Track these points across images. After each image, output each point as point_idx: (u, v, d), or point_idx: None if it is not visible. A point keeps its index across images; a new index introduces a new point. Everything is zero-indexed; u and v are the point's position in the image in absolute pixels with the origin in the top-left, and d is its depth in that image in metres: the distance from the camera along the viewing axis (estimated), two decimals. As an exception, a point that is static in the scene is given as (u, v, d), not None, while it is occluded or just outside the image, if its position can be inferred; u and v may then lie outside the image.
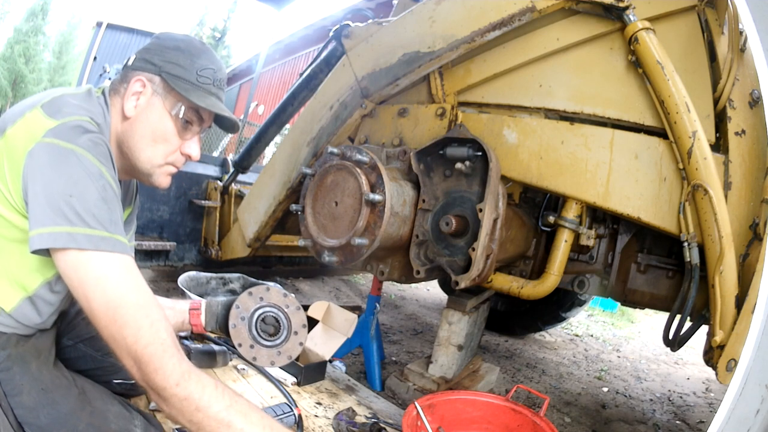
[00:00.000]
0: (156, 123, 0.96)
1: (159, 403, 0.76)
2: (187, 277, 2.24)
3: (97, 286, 0.76)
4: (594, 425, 2.21)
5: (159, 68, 0.94)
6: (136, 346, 0.74)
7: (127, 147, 0.97)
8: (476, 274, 1.40)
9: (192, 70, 0.95)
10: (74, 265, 0.76)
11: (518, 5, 1.53)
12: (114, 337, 0.75)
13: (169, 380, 0.73)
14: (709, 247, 1.33)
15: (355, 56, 1.94)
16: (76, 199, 0.76)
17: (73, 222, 0.76)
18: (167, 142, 0.98)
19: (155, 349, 0.74)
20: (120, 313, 0.75)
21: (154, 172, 0.99)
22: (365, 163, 1.42)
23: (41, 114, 0.84)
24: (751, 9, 0.95)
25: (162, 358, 0.74)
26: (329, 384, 1.81)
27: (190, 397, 0.74)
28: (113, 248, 0.78)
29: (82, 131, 0.82)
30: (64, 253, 0.76)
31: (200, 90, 0.96)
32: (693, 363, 3.45)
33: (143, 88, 0.94)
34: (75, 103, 0.89)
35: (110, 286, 0.76)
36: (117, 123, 0.96)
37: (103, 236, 0.77)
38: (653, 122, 1.47)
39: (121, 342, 0.74)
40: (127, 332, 0.74)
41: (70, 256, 0.76)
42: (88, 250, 0.76)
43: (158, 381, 0.73)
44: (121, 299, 0.76)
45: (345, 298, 3.83)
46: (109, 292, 0.75)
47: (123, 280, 0.78)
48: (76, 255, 0.76)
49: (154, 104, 0.95)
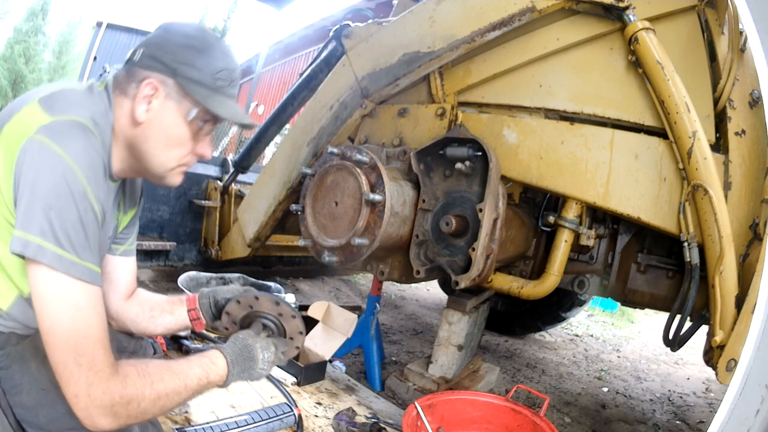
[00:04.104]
0: (170, 129, 0.92)
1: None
2: (187, 277, 2.25)
3: (57, 308, 0.75)
4: (594, 425, 2.21)
5: (172, 70, 0.89)
6: (70, 377, 0.76)
7: (138, 151, 0.93)
8: (476, 274, 1.40)
9: (208, 73, 0.90)
10: (39, 280, 0.76)
11: (518, 5, 1.53)
12: (57, 361, 0.76)
13: (103, 409, 0.76)
14: (709, 247, 1.33)
15: (355, 56, 1.94)
16: (55, 214, 0.75)
17: (46, 236, 0.75)
18: (181, 147, 0.94)
19: (87, 388, 0.76)
20: (70, 342, 0.75)
21: (167, 174, 0.97)
22: (365, 163, 1.42)
23: (38, 108, 0.82)
24: (751, 9, 0.95)
25: (91, 393, 0.76)
26: (329, 384, 1.81)
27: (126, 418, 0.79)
28: (81, 275, 0.77)
29: (77, 133, 0.80)
30: (33, 263, 0.76)
31: (218, 94, 0.92)
32: (693, 363, 3.45)
33: (155, 91, 0.89)
34: (74, 99, 0.86)
35: (68, 313, 0.76)
36: (125, 125, 0.92)
37: (73, 261, 0.76)
38: (653, 122, 1.47)
39: (62, 367, 0.76)
40: (69, 361, 0.75)
41: (37, 269, 0.76)
42: (56, 270, 0.75)
43: (94, 411, 0.76)
44: (74, 329, 0.76)
45: (345, 298, 3.83)
46: (65, 319, 0.75)
47: (82, 311, 0.77)
48: (44, 270, 0.75)
49: (168, 109, 0.91)
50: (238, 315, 1.10)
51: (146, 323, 1.15)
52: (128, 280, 1.16)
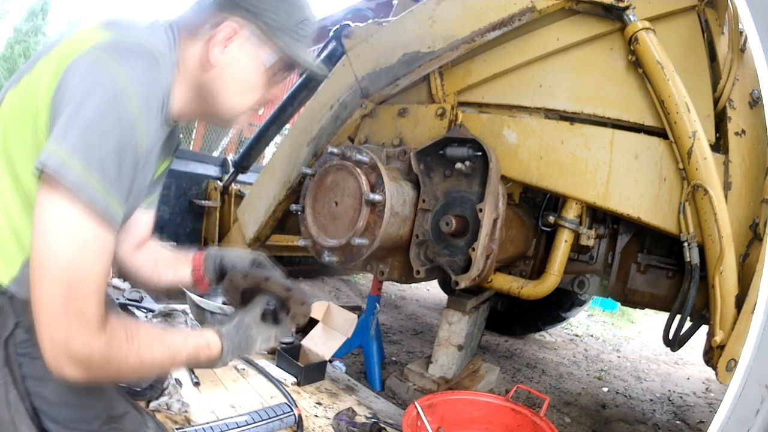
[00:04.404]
0: (246, 74, 0.89)
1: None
2: (187, 277, 2.24)
3: (60, 240, 0.67)
4: (594, 425, 2.21)
5: (255, 15, 0.85)
6: (52, 319, 0.68)
7: (208, 94, 0.90)
8: (476, 274, 1.40)
9: (292, 22, 0.87)
10: (51, 202, 0.67)
11: (518, 5, 1.53)
12: (41, 297, 0.68)
13: (77, 362, 0.70)
14: (709, 247, 1.33)
15: (355, 56, 1.94)
16: (94, 136, 0.67)
17: (76, 155, 0.66)
18: (254, 92, 0.92)
19: (67, 335, 0.69)
20: (63, 282, 0.67)
21: (236, 118, 0.95)
22: (365, 163, 1.42)
23: (97, 27, 0.74)
24: (751, 9, 0.95)
25: (69, 342, 0.69)
26: (329, 384, 1.81)
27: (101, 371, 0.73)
28: (100, 211, 0.68)
29: (140, 56, 0.73)
30: (50, 181, 0.66)
31: (300, 44, 0.90)
32: (693, 363, 3.45)
33: (234, 34, 0.85)
34: (140, 26, 0.81)
35: (72, 249, 0.67)
36: (194, 67, 0.87)
37: (97, 192, 0.68)
38: (653, 122, 1.47)
39: (45, 305, 0.68)
40: (56, 301, 0.68)
41: (53, 189, 0.66)
42: (74, 196, 0.66)
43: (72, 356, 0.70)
44: (72, 269, 0.67)
45: (345, 298, 3.83)
46: (66, 254, 0.67)
47: (88, 252, 0.69)
48: (60, 192, 0.66)
49: (246, 53, 0.87)
50: (241, 286, 1.06)
51: (149, 275, 1.13)
52: (143, 232, 1.13)
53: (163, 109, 0.84)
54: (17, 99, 0.77)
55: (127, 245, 1.09)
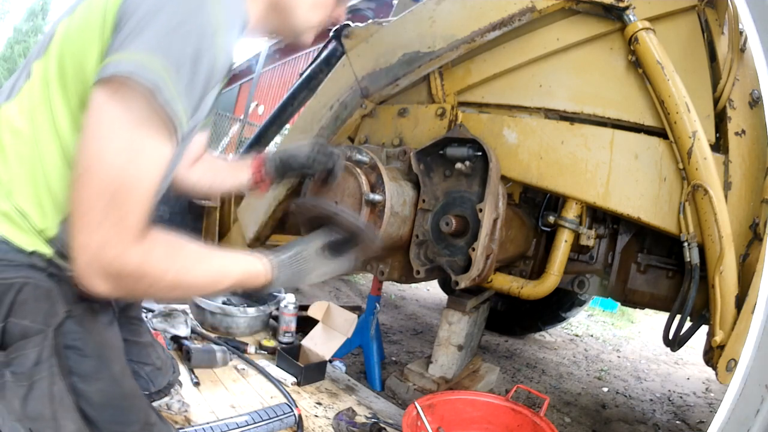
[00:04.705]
0: None
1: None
2: (187, 277, 2.24)
3: (113, 144, 0.62)
4: (594, 425, 2.21)
5: None
6: (87, 224, 0.64)
7: (282, 9, 0.91)
8: (476, 274, 1.40)
9: None
10: (111, 103, 0.62)
11: (518, 5, 1.53)
12: (81, 202, 0.64)
13: (107, 274, 0.66)
14: (709, 247, 1.33)
15: (355, 56, 1.94)
16: (173, 40, 0.63)
17: (153, 52, 0.62)
18: (325, 9, 0.98)
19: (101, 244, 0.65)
20: (108, 188, 0.63)
21: (306, 33, 0.99)
22: (365, 163, 1.42)
23: None
24: (751, 9, 0.96)
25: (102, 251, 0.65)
26: (329, 384, 1.81)
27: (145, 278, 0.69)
28: (169, 117, 0.64)
29: None
30: (113, 82, 0.62)
31: None
32: (693, 363, 3.45)
33: None
34: None
35: (125, 154, 0.63)
36: None
37: (172, 96, 0.63)
38: (653, 122, 1.47)
39: (84, 209, 0.64)
40: (97, 206, 0.64)
41: (116, 88, 0.62)
42: (142, 97, 0.62)
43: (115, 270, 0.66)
44: (121, 176, 0.63)
45: (345, 298, 3.83)
46: (118, 159, 0.63)
47: (143, 161, 0.65)
48: (125, 91, 0.62)
49: None
50: (309, 215, 1.06)
51: (209, 186, 1.17)
52: (198, 149, 1.15)
53: (243, 25, 0.83)
54: (77, 21, 0.74)
55: (183, 163, 1.09)
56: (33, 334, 0.77)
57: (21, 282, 0.76)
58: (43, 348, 0.77)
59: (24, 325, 0.76)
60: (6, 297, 0.76)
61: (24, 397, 0.76)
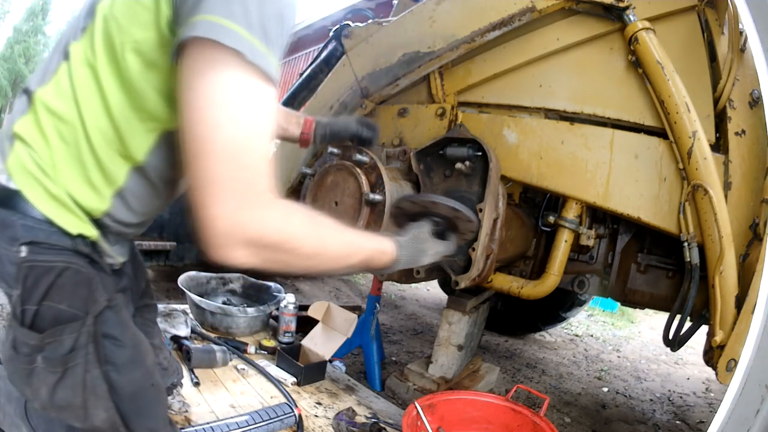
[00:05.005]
0: None
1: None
2: (187, 277, 2.24)
3: (225, 110, 0.62)
4: (594, 425, 2.21)
5: None
6: (217, 195, 0.63)
7: None
8: (476, 274, 1.40)
9: None
10: (211, 73, 0.61)
11: (518, 5, 1.53)
12: (205, 176, 0.62)
13: (246, 239, 0.65)
14: (709, 247, 1.33)
15: (355, 56, 1.94)
16: (254, 3, 0.63)
17: (237, 20, 0.61)
18: None
19: (236, 209, 0.63)
20: (231, 153, 0.62)
21: None
22: (365, 163, 1.42)
23: None
24: (751, 9, 0.95)
25: (238, 217, 0.64)
26: (329, 384, 1.81)
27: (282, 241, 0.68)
28: (268, 72, 0.64)
29: None
30: (206, 51, 0.61)
31: None
32: (693, 363, 3.45)
33: None
34: None
35: (239, 117, 0.62)
36: None
37: (264, 53, 0.63)
38: (653, 122, 1.47)
39: (210, 182, 0.62)
40: (223, 175, 0.62)
41: (211, 58, 0.61)
42: (241, 61, 0.61)
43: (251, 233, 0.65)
44: (241, 137, 0.62)
45: (345, 298, 3.83)
46: (233, 124, 0.62)
47: (256, 116, 0.64)
48: (222, 60, 0.61)
49: None
50: (411, 212, 1.19)
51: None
52: None
53: None
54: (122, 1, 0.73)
55: None
56: (68, 319, 0.77)
57: (62, 266, 0.77)
58: (80, 335, 0.77)
59: (59, 310, 0.77)
60: (43, 280, 0.76)
61: (54, 385, 0.76)
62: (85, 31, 0.77)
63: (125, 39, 0.73)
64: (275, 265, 0.69)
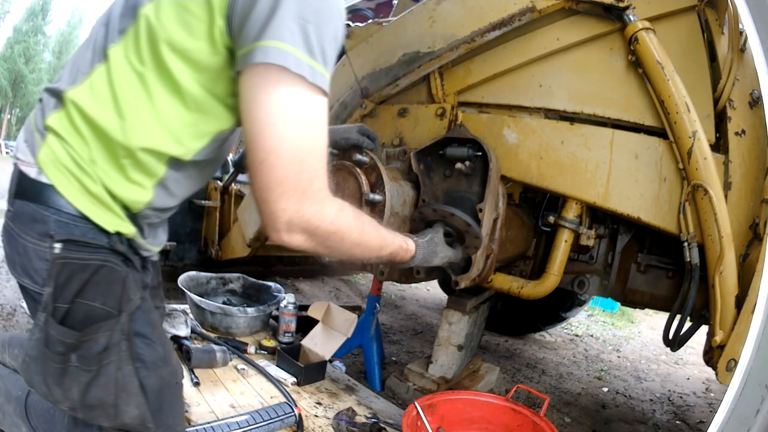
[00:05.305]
0: None
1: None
2: (187, 277, 2.25)
3: (289, 125, 0.70)
4: (594, 425, 2.21)
5: None
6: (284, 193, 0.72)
7: None
8: (476, 274, 1.40)
9: None
10: (275, 93, 0.69)
11: (518, 5, 1.53)
12: (273, 180, 0.71)
13: (306, 227, 0.76)
14: (709, 247, 1.33)
15: (355, 56, 1.94)
16: (313, 29, 0.70)
17: (298, 46, 0.69)
18: None
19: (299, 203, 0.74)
20: (296, 159, 0.71)
21: None
22: (365, 163, 1.42)
23: None
24: (751, 9, 0.96)
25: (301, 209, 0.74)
26: (329, 384, 1.81)
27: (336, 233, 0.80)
28: (324, 88, 0.73)
29: None
30: (269, 73, 0.69)
31: None
32: (693, 363, 3.45)
33: None
34: None
35: (302, 129, 0.72)
36: None
37: (323, 74, 0.72)
38: (653, 122, 1.47)
39: (277, 184, 0.71)
40: (289, 176, 0.72)
41: (276, 80, 0.69)
42: (302, 81, 0.70)
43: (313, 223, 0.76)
44: (303, 146, 0.72)
45: (345, 298, 3.83)
46: (297, 135, 0.71)
47: (316, 126, 0.74)
48: (286, 81, 0.69)
49: None
50: (429, 218, 1.31)
51: None
52: None
53: None
54: (169, 6, 0.75)
55: None
56: (101, 317, 0.78)
57: (98, 264, 0.79)
58: (113, 332, 0.78)
59: (92, 307, 0.78)
60: (77, 277, 0.77)
61: (87, 384, 0.77)
62: (125, 34, 0.78)
63: (175, 47, 0.75)
64: (324, 250, 0.81)
